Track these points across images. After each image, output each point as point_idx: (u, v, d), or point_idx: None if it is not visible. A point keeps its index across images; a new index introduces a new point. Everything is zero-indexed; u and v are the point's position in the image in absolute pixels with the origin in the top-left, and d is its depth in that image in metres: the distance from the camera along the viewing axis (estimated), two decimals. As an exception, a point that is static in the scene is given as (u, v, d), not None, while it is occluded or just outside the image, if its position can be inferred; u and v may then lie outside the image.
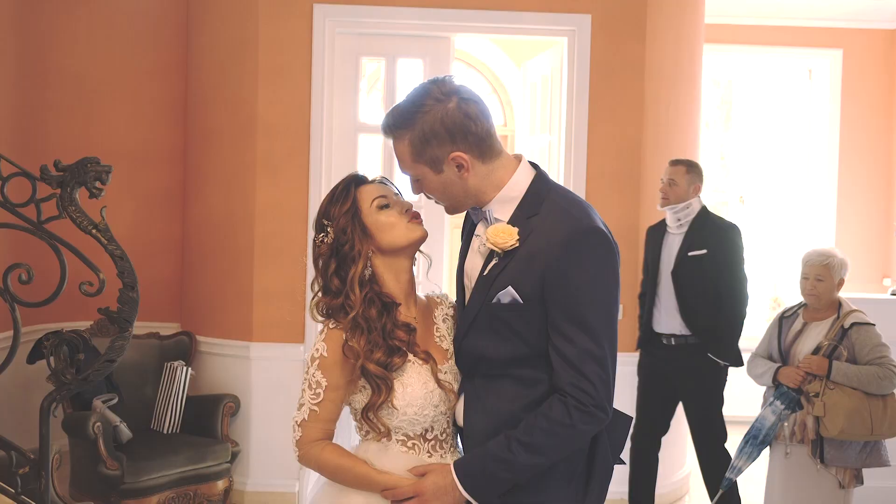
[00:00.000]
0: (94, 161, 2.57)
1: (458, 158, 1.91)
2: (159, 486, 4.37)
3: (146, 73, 5.46)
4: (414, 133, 1.91)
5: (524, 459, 1.89)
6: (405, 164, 1.97)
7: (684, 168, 4.49)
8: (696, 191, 4.47)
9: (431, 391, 2.01)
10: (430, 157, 1.92)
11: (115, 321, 2.57)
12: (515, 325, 1.93)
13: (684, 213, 4.45)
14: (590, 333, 1.86)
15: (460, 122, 1.90)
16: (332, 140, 4.97)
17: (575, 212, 1.93)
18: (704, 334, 4.32)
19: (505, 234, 1.92)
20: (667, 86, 5.09)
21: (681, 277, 4.41)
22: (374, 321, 1.99)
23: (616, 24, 4.94)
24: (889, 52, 7.29)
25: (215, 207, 5.11)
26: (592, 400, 1.87)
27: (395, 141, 1.96)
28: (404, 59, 5.12)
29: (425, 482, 1.96)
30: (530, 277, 1.89)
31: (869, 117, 7.28)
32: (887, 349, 3.60)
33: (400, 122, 1.93)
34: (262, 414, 4.93)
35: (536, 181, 1.99)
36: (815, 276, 3.74)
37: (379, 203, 2.03)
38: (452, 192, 1.97)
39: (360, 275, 2.01)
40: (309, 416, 2.02)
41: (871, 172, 7.26)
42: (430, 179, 1.96)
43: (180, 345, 5.10)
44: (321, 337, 2.03)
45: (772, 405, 3.71)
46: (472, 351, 2.01)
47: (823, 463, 3.62)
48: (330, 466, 2.02)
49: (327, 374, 2.00)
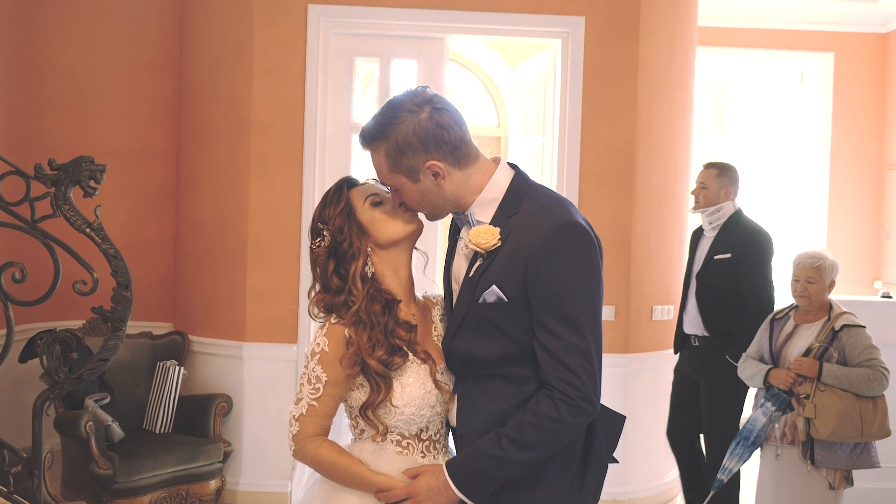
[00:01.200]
0: (88, 160, 2.56)
1: (434, 167, 1.94)
2: (151, 486, 4.37)
3: (140, 72, 5.45)
4: (389, 144, 1.94)
5: (514, 455, 1.90)
6: (383, 176, 2.01)
7: (715, 171, 4.57)
8: (727, 195, 4.53)
9: (429, 391, 2.03)
10: (405, 167, 1.95)
11: (108, 320, 2.57)
12: (502, 323, 1.94)
13: (715, 216, 4.53)
14: (573, 327, 1.89)
15: (433, 131, 1.93)
16: (325, 140, 4.97)
17: (553, 208, 1.96)
18: (724, 336, 4.35)
19: (486, 235, 1.95)
20: (660, 88, 5.10)
21: (705, 280, 4.50)
22: (378, 316, 2.01)
23: (610, 26, 4.95)
24: (880, 56, 7.32)
25: (209, 207, 5.10)
26: (579, 393, 1.89)
27: (372, 153, 2.00)
28: (398, 60, 5.13)
29: (418, 483, 1.97)
30: (513, 275, 1.91)
31: (860, 120, 7.31)
32: (877, 351, 3.62)
33: (375, 133, 1.97)
34: (255, 414, 4.93)
35: (515, 181, 2.02)
36: (805, 277, 3.76)
37: (373, 200, 2.06)
38: (431, 200, 2.00)
39: (361, 271, 2.03)
40: (307, 411, 2.02)
41: (862, 175, 7.29)
42: (408, 189, 1.99)
43: (173, 344, 5.10)
44: (322, 332, 2.04)
45: (763, 407, 3.73)
46: (461, 352, 2.02)
47: (814, 464, 3.64)
48: (326, 463, 2.03)
49: (328, 370, 2.00)
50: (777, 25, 7.22)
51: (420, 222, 2.09)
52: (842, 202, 7.25)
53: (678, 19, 5.23)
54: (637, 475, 5.03)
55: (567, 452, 2.01)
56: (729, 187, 4.53)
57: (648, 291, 5.09)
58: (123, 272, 2.59)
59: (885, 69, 7.30)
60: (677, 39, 5.24)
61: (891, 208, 7.14)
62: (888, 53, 7.28)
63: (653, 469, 5.16)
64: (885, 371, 3.58)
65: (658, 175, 5.12)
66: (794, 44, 7.29)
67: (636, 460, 4.96)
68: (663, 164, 5.14)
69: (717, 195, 4.53)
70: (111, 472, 4.21)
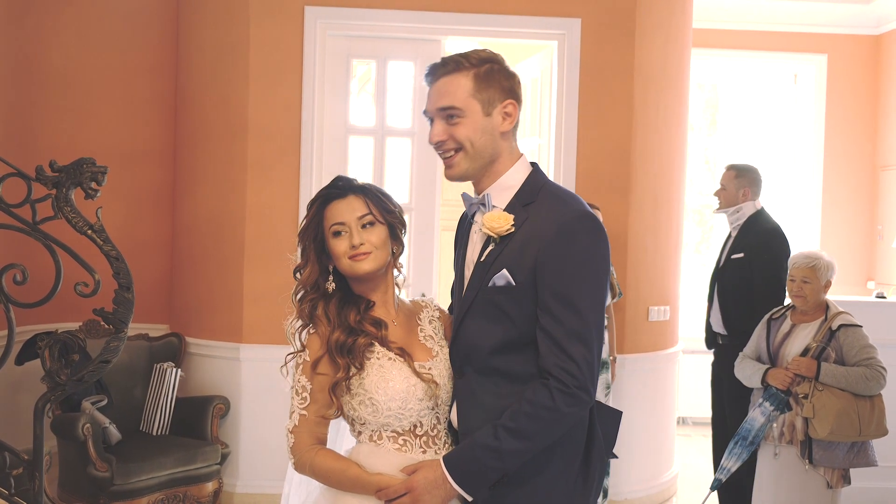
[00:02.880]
0: (90, 162, 2.57)
1: (511, 106, 2.03)
2: (149, 488, 4.35)
3: (135, 73, 5.44)
4: (482, 70, 2.01)
5: (510, 445, 1.91)
6: (456, 98, 2.00)
7: (733, 173, 4.67)
8: (745, 195, 4.62)
9: (413, 385, 2.04)
10: (486, 97, 2.01)
11: (110, 322, 2.57)
12: (507, 307, 1.98)
13: (734, 216, 4.65)
14: (578, 314, 1.92)
15: (517, 89, 2.06)
16: (322, 142, 4.97)
17: (569, 200, 2.03)
18: (741, 335, 4.38)
19: (501, 220, 2.00)
20: (655, 89, 5.12)
21: (723, 279, 4.60)
22: (343, 303, 2.10)
23: (606, 28, 4.97)
24: (873, 58, 7.37)
25: (206, 208, 5.10)
26: (576, 381, 1.91)
27: (454, 74, 2.01)
28: (395, 62, 5.13)
29: (416, 477, 1.98)
30: (525, 262, 1.95)
31: (853, 121, 7.36)
32: (875, 350, 3.64)
33: (471, 59, 2.02)
34: (252, 416, 4.92)
35: (533, 174, 2.09)
36: (801, 277, 3.78)
37: (334, 231, 2.10)
38: (481, 142, 2.02)
39: (316, 282, 2.14)
40: (299, 422, 2.06)
41: (855, 175, 7.33)
42: (473, 119, 2.01)
43: (169, 346, 5.09)
44: (299, 342, 2.12)
45: (761, 406, 3.75)
46: (465, 337, 2.05)
47: (812, 463, 3.66)
48: (323, 470, 2.05)
49: (311, 377, 2.06)
50: (770, 27, 7.27)
51: (365, 267, 2.08)
52: (835, 203, 7.29)
53: (673, 21, 5.26)
54: (635, 475, 5.04)
55: (569, 449, 2.02)
56: (747, 188, 4.63)
57: (644, 292, 5.10)
58: (125, 274, 2.59)
59: (877, 71, 7.34)
60: (672, 41, 5.26)
61: (884, 209, 7.18)
62: (881, 55, 7.33)
63: (650, 469, 5.17)
64: (882, 370, 3.60)
65: (654, 176, 5.13)
66: (787, 45, 7.34)
67: (633, 460, 4.97)
68: (659, 165, 5.16)
69: (736, 196, 4.63)
70: (109, 474, 4.20)
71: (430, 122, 2.07)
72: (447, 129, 2.03)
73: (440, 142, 2.03)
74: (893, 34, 7.19)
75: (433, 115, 2.05)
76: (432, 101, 2.05)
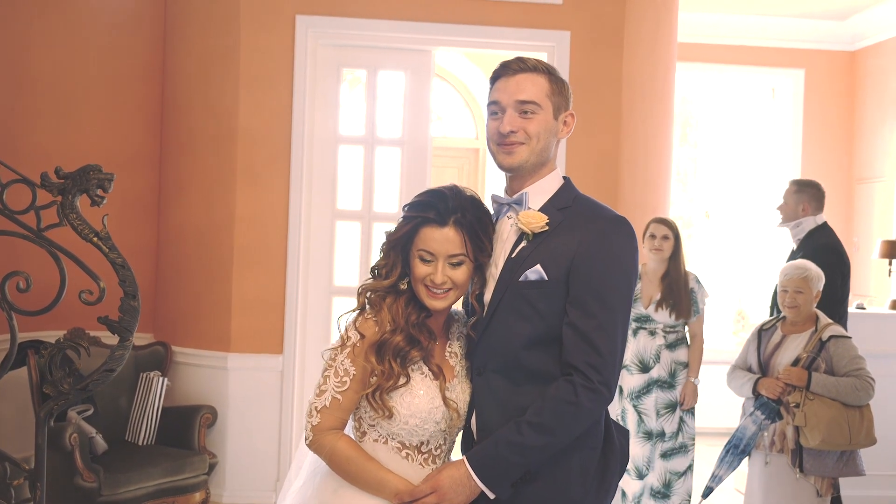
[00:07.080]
0: (96, 169, 2.55)
1: (571, 118, 2.17)
2: (137, 499, 4.30)
3: (122, 79, 5.38)
4: (554, 77, 2.14)
5: (533, 440, 1.94)
6: (538, 95, 2.10)
7: (793, 188, 4.76)
8: (805, 210, 4.69)
9: (437, 407, 2.05)
10: (557, 102, 2.13)
11: (116, 330, 2.55)
12: (536, 302, 2.01)
13: (795, 231, 4.73)
14: (610, 310, 1.98)
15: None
16: (312, 150, 4.97)
17: (604, 207, 2.12)
18: None
19: (536, 218, 2.07)
20: (642, 101, 5.19)
21: None
22: (409, 302, 2.08)
23: (594, 41, 5.02)
24: (849, 73, 7.52)
25: (193, 215, 5.06)
26: (600, 376, 1.95)
27: (534, 73, 2.11)
28: (385, 72, 5.14)
29: (441, 476, 2.00)
30: (559, 263, 2.01)
31: (830, 134, 7.49)
32: (864, 361, 3.71)
33: (545, 65, 2.15)
34: (240, 425, 4.89)
35: (567, 184, 2.18)
36: (794, 288, 3.83)
37: (421, 256, 2.07)
38: (545, 140, 2.12)
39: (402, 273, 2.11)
40: (331, 404, 2.05)
41: (831, 188, 7.40)
42: (546, 118, 2.11)
43: (155, 355, 5.04)
44: (353, 326, 2.08)
45: (752, 415, 3.79)
46: (493, 334, 2.05)
47: (802, 472, 3.71)
48: (341, 457, 2.04)
49: (356, 363, 2.04)
50: (749, 42, 7.39)
51: (439, 305, 2.07)
52: (812, 215, 7.39)
53: (660, 34, 5.33)
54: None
55: (586, 453, 2.05)
56: (806, 203, 4.70)
57: (631, 302, 5.14)
58: (131, 282, 2.58)
59: (853, 86, 7.49)
60: (659, 53, 5.34)
61: (859, 221, 7.31)
62: (856, 70, 7.48)
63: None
64: (871, 381, 3.66)
65: (641, 186, 5.19)
66: (765, 60, 7.47)
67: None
68: (646, 175, 5.22)
69: (795, 210, 4.71)
70: (96, 484, 4.15)
71: (492, 115, 2.13)
72: (520, 121, 2.09)
73: (511, 132, 2.09)
74: (869, 50, 7.35)
75: (507, 106, 2.10)
76: (510, 93, 2.10)
